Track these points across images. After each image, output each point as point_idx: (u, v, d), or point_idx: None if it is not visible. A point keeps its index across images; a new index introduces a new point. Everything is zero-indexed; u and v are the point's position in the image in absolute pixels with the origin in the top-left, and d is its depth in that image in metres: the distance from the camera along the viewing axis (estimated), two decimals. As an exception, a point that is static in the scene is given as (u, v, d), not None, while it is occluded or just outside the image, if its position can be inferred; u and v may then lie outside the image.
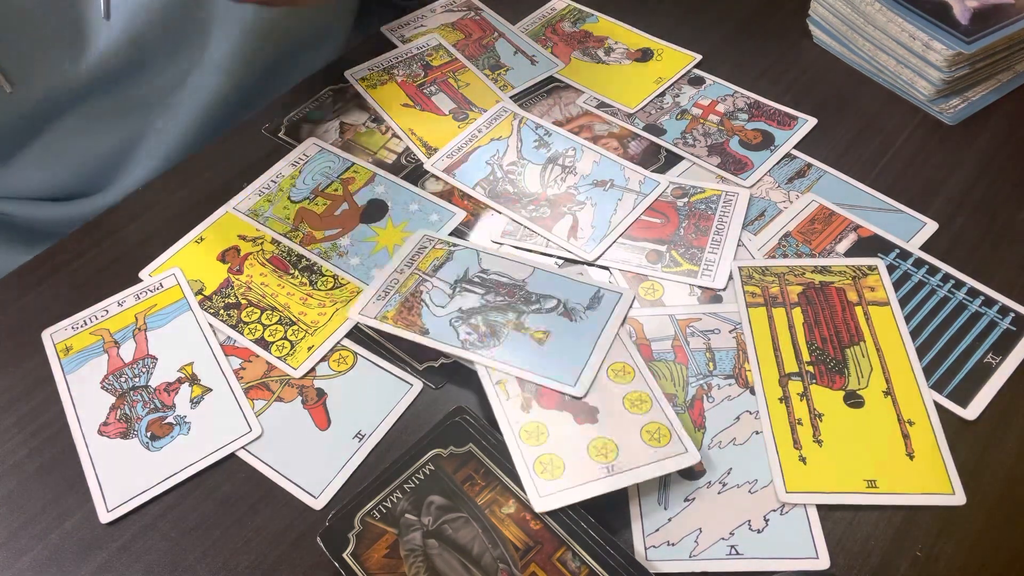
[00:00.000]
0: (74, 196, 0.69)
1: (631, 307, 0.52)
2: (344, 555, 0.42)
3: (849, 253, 0.55)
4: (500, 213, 0.59)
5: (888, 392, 0.48)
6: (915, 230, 0.57)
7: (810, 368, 0.49)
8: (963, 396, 0.48)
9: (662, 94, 0.67)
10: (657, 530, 0.44)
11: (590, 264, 0.55)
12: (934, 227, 0.57)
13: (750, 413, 0.48)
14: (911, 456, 0.45)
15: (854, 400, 0.48)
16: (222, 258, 0.57)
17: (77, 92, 0.63)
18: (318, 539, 0.43)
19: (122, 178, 0.69)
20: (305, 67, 0.72)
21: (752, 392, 0.49)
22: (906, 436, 0.46)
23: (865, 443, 0.46)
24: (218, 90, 0.68)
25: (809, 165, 0.61)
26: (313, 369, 0.51)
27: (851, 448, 0.46)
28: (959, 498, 0.44)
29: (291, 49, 0.73)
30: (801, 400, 0.48)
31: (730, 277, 0.54)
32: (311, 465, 0.47)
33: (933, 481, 0.45)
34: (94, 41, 0.61)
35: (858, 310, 0.51)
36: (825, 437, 0.46)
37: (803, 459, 0.45)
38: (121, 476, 0.47)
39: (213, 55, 0.67)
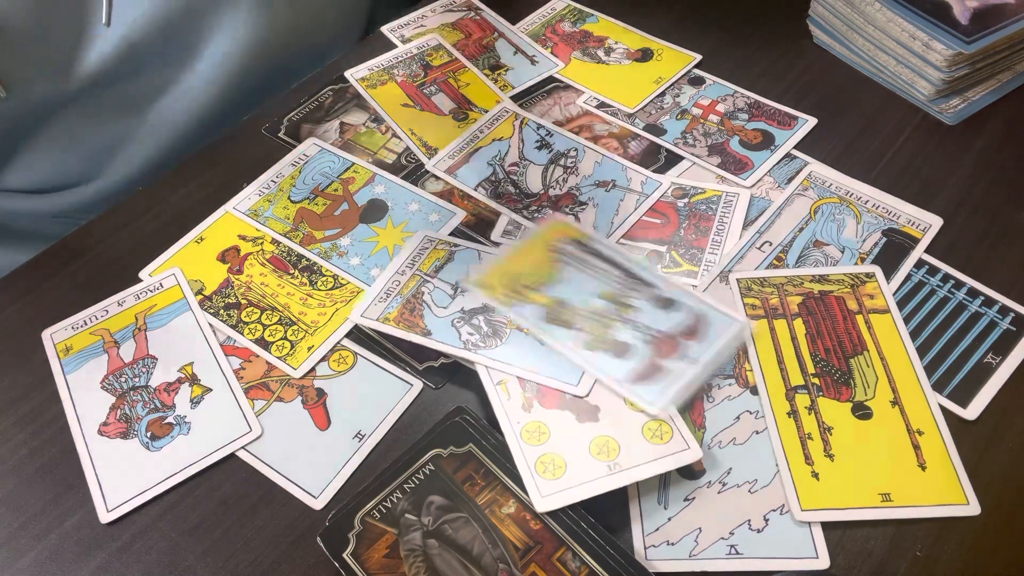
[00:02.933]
0: (55, 189, 0.70)
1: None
2: (344, 555, 0.42)
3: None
4: (502, 214, 0.59)
5: (895, 402, 0.48)
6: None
7: (816, 380, 0.49)
8: (963, 396, 0.48)
9: (662, 94, 0.67)
10: (657, 530, 0.44)
11: (590, 264, 0.55)
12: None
13: (750, 413, 0.48)
14: (923, 467, 0.45)
15: (862, 411, 0.47)
16: (222, 258, 0.57)
17: (70, 95, 0.63)
18: (318, 539, 0.43)
19: (104, 176, 0.70)
20: (309, 66, 0.73)
21: (752, 392, 0.49)
22: (916, 447, 0.46)
23: (876, 455, 0.46)
24: (208, 100, 0.69)
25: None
26: (313, 369, 0.51)
27: (863, 461, 0.45)
28: (973, 508, 0.44)
29: (286, 66, 0.73)
30: (809, 414, 0.47)
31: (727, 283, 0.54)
32: (311, 465, 0.47)
33: (947, 492, 0.44)
34: (91, 47, 0.61)
35: (859, 319, 0.51)
36: (836, 451, 0.46)
37: (816, 475, 0.45)
38: (121, 476, 0.47)
39: (206, 66, 0.67)
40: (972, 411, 0.48)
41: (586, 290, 0.51)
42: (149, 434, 0.48)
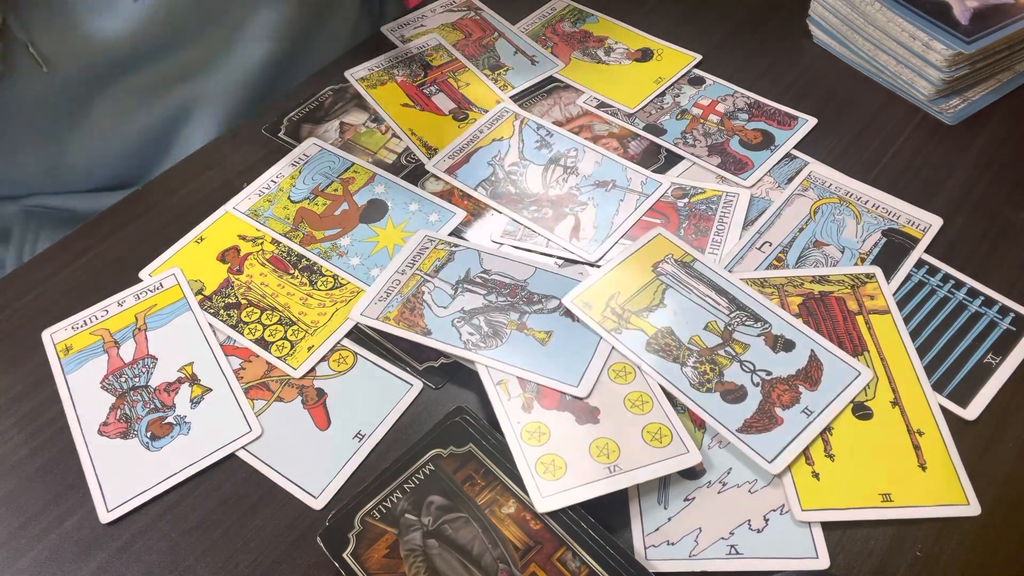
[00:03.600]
0: (127, 183, 0.70)
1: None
2: (344, 555, 0.42)
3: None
4: (502, 214, 0.59)
5: (896, 402, 0.48)
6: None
7: None
8: (963, 396, 0.48)
9: (662, 94, 0.67)
10: (657, 529, 0.44)
11: (592, 265, 0.55)
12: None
13: (750, 413, 0.48)
14: (923, 467, 0.45)
15: (863, 412, 0.47)
16: (222, 258, 0.57)
17: (118, 65, 0.63)
18: (318, 539, 0.43)
19: (165, 161, 0.69)
20: (340, 37, 0.74)
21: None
22: (917, 447, 0.46)
23: (877, 456, 0.46)
24: (253, 62, 0.69)
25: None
26: (313, 369, 0.51)
27: (863, 462, 0.45)
28: (974, 508, 0.44)
29: (333, 14, 0.74)
30: (811, 414, 0.48)
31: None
32: (311, 465, 0.47)
33: (947, 492, 0.44)
34: (129, 10, 0.61)
35: (859, 319, 0.51)
36: (836, 451, 0.46)
37: (816, 475, 0.45)
38: (121, 476, 0.47)
39: (248, 28, 0.67)
40: (972, 411, 0.48)
41: (692, 321, 0.50)
42: (149, 434, 0.48)
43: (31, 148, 0.65)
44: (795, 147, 0.62)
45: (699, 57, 0.69)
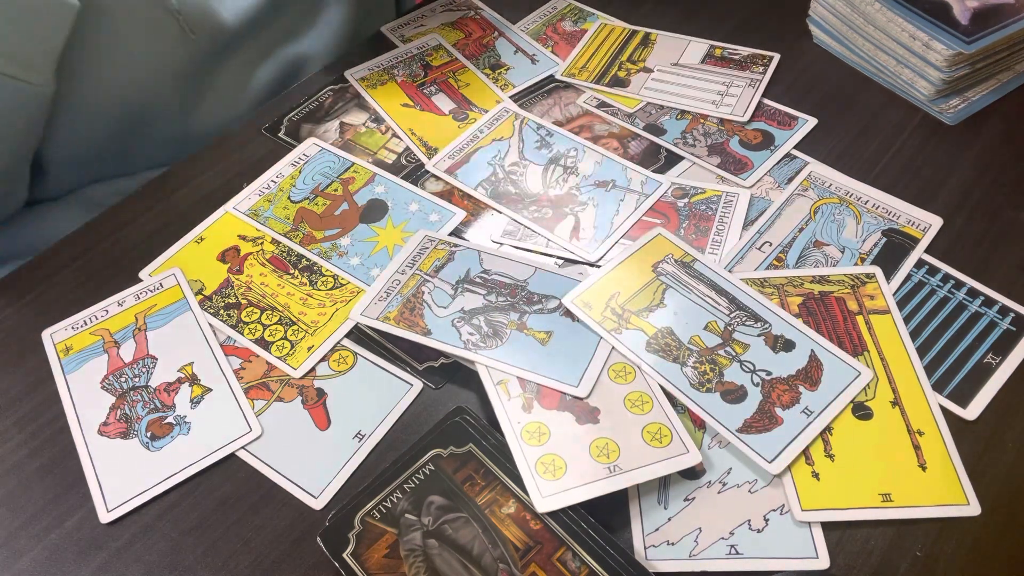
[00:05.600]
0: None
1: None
2: (344, 555, 0.42)
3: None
4: (502, 214, 0.59)
5: (896, 402, 0.48)
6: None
7: None
8: (963, 396, 0.48)
9: (662, 94, 0.67)
10: (657, 529, 0.44)
11: (592, 265, 0.55)
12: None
13: (750, 413, 0.48)
14: (923, 467, 0.45)
15: (863, 412, 0.47)
16: (222, 258, 0.57)
17: (234, 36, 0.66)
18: (318, 539, 0.43)
19: (280, 109, 0.72)
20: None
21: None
22: (917, 447, 0.46)
23: (877, 456, 0.46)
24: (343, 19, 0.74)
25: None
26: (313, 369, 0.51)
27: (863, 461, 0.45)
28: (974, 509, 0.44)
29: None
30: (811, 414, 0.48)
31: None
32: (311, 465, 0.47)
33: (947, 493, 0.44)
34: None
35: (859, 319, 0.51)
36: (836, 451, 0.46)
37: (816, 475, 0.45)
38: (121, 476, 0.47)
39: None
40: (972, 411, 0.48)
41: (692, 321, 0.50)
42: (149, 434, 0.48)
43: (167, 118, 0.67)
44: (795, 147, 0.62)
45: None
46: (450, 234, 0.57)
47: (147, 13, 0.60)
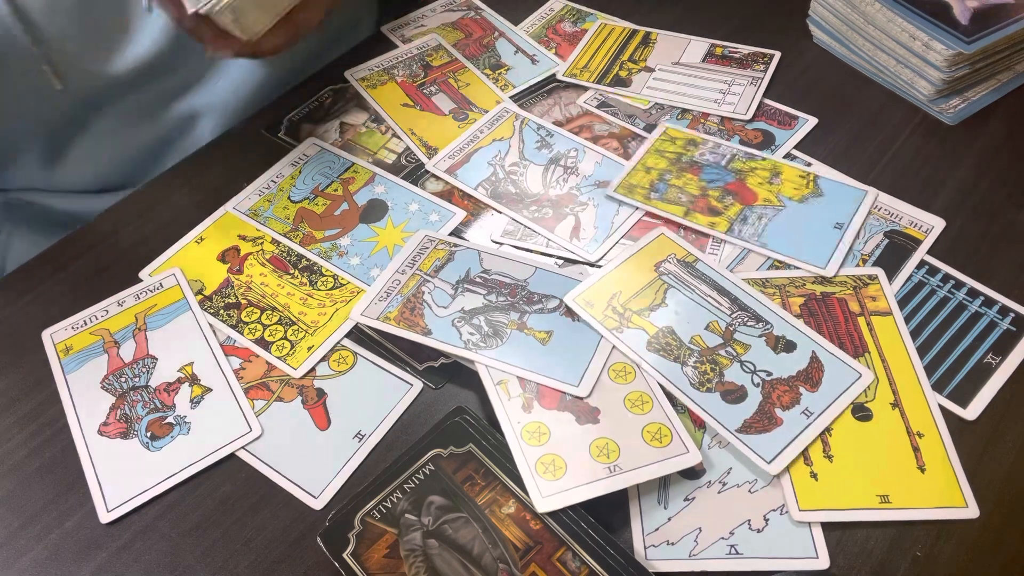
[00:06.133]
0: (117, 187, 0.70)
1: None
2: (344, 555, 0.42)
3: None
4: (502, 213, 0.59)
5: (896, 404, 0.48)
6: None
7: None
8: (963, 396, 0.48)
9: (662, 94, 0.67)
10: (657, 529, 0.44)
11: (592, 265, 0.55)
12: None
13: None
14: (922, 469, 0.45)
15: (862, 413, 0.47)
16: (222, 258, 0.57)
17: (120, 84, 0.63)
18: (318, 539, 0.43)
19: (162, 167, 0.69)
20: (335, 50, 0.74)
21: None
22: (916, 449, 0.46)
23: (876, 457, 0.46)
24: (254, 77, 0.69)
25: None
26: (313, 369, 0.51)
27: (862, 463, 0.45)
28: (972, 511, 0.44)
29: (328, 36, 0.74)
30: (810, 415, 0.47)
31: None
32: (311, 465, 0.47)
33: (946, 495, 0.44)
34: (137, 35, 0.62)
35: (860, 320, 0.51)
36: (835, 452, 0.46)
37: (815, 475, 0.45)
38: (121, 476, 0.47)
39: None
40: (972, 411, 0.48)
41: (693, 321, 0.50)
42: (149, 434, 0.48)
43: (32, 145, 0.65)
44: (795, 147, 0.62)
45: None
46: (450, 234, 0.57)
47: (10, 59, 0.57)
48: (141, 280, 0.56)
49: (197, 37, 0.53)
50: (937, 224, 0.57)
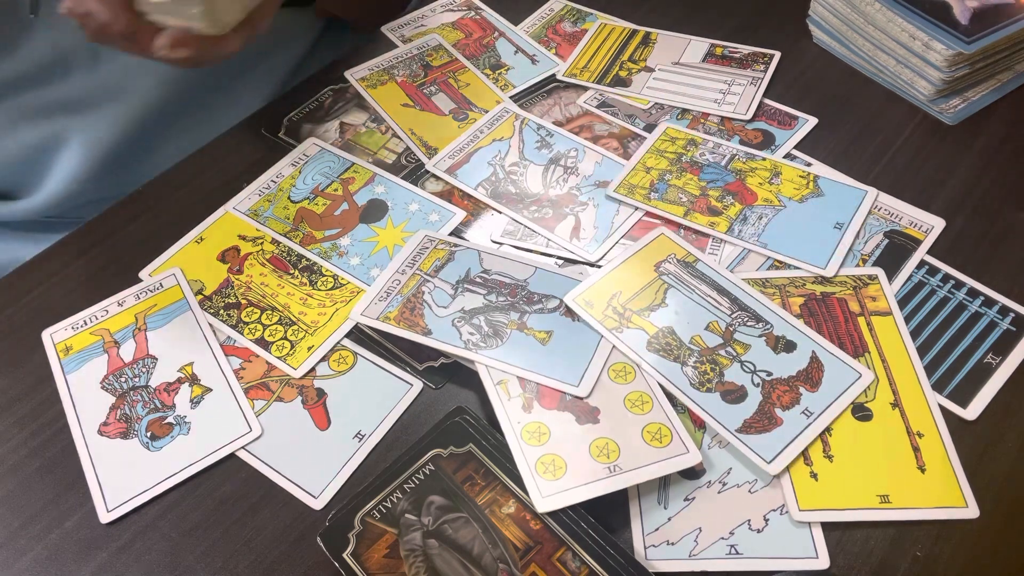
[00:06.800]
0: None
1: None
2: (344, 555, 0.42)
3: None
4: (502, 213, 0.59)
5: (896, 404, 0.48)
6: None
7: None
8: (963, 396, 0.48)
9: (662, 94, 0.67)
10: (657, 529, 0.44)
11: (592, 265, 0.55)
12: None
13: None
14: (922, 469, 0.45)
15: (862, 413, 0.47)
16: (222, 258, 0.57)
17: (1, 91, 0.61)
18: (318, 539, 0.43)
19: (46, 181, 0.66)
20: (251, 85, 0.70)
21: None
22: (916, 449, 0.46)
23: (876, 457, 0.46)
24: (151, 97, 0.66)
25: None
26: (313, 369, 0.51)
27: (862, 463, 0.45)
28: (972, 511, 0.44)
29: (235, 63, 0.67)
30: (810, 415, 0.47)
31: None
32: (311, 465, 0.47)
33: (946, 495, 0.44)
34: (21, 41, 0.60)
35: (860, 320, 0.51)
36: (836, 452, 0.46)
37: (815, 475, 0.45)
38: (121, 476, 0.47)
39: (147, 62, 0.59)
40: (972, 411, 0.48)
41: (694, 321, 0.50)
42: (149, 434, 0.48)
43: None
44: (795, 147, 0.62)
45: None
46: (450, 234, 0.57)
47: None
48: (141, 280, 0.56)
49: (127, 43, 0.48)
50: (937, 224, 0.57)
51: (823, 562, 0.43)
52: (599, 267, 0.55)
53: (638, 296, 0.52)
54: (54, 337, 0.53)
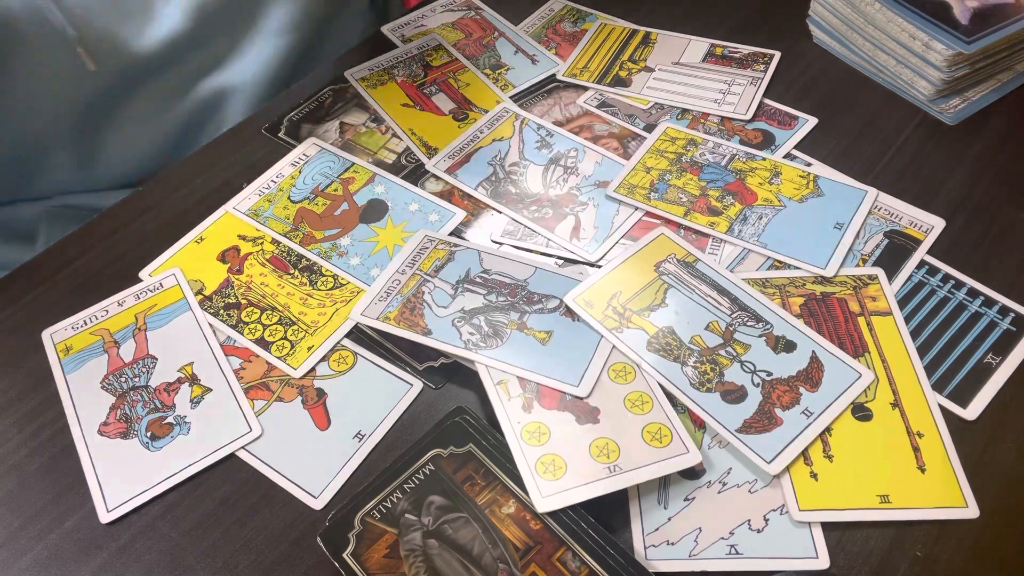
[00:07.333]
0: (150, 176, 0.70)
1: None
2: (344, 555, 0.42)
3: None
4: (502, 213, 0.59)
5: (896, 404, 0.48)
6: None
7: None
8: (963, 396, 0.48)
9: (662, 94, 0.67)
10: (657, 529, 0.44)
11: (592, 265, 0.55)
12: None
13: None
14: (922, 469, 0.45)
15: (862, 413, 0.47)
16: (222, 258, 0.57)
17: (149, 64, 0.64)
18: (318, 539, 0.43)
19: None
20: (353, 28, 0.76)
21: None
22: (916, 449, 0.46)
23: (876, 457, 0.46)
24: (275, 54, 0.70)
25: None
26: (313, 369, 0.51)
27: (862, 463, 0.45)
28: (972, 511, 0.44)
29: (341, 10, 0.75)
30: (810, 415, 0.47)
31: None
32: (311, 465, 0.47)
33: (946, 495, 0.44)
34: (159, 15, 0.63)
35: (860, 320, 0.51)
36: (836, 452, 0.46)
37: (815, 475, 0.45)
38: (121, 476, 0.47)
39: (270, 21, 0.68)
40: (972, 411, 0.48)
41: (694, 321, 0.50)
42: (149, 434, 0.48)
43: (65, 146, 0.65)
44: (795, 147, 0.62)
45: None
46: (450, 234, 0.57)
47: (43, 42, 0.57)
48: (141, 280, 0.56)
49: None
50: (937, 224, 0.57)
51: (823, 562, 0.43)
52: (599, 267, 0.55)
53: (638, 296, 0.52)
54: (54, 337, 0.53)
